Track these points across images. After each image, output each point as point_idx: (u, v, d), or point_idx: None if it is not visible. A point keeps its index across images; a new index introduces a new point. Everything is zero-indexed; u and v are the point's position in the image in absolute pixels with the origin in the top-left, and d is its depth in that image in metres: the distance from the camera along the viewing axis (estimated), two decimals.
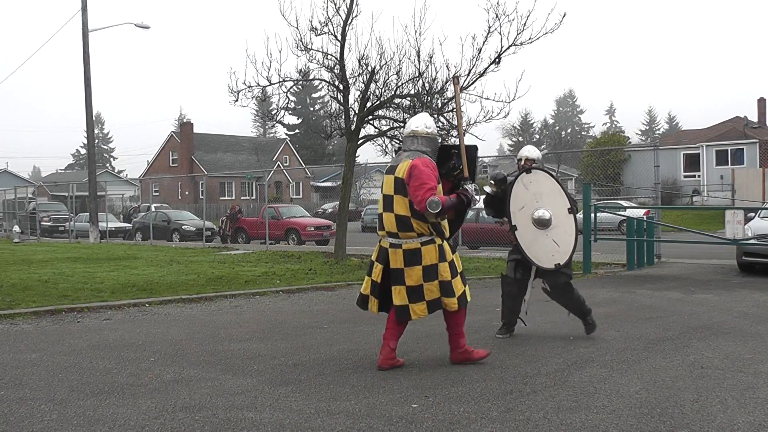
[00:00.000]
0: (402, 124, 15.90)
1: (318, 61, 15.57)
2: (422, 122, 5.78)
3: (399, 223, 5.49)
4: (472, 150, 5.96)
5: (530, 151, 7.10)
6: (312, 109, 79.07)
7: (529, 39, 14.07)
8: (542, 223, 6.76)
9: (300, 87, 19.15)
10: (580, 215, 6.92)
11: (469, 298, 5.73)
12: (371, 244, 24.54)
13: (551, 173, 7.05)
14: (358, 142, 16.19)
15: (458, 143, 5.95)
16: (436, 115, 15.33)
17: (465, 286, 5.72)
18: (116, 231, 31.13)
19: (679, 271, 13.28)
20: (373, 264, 5.76)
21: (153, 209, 32.24)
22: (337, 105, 16.42)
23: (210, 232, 26.97)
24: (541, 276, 6.99)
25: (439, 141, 5.93)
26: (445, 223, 5.68)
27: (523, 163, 7.00)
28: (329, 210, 43.23)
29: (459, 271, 5.70)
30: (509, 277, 7.06)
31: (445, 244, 5.65)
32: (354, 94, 15.68)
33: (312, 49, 15.38)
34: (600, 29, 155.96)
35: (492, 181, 6.98)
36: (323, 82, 16.66)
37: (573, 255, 6.84)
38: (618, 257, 15.14)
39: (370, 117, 15.87)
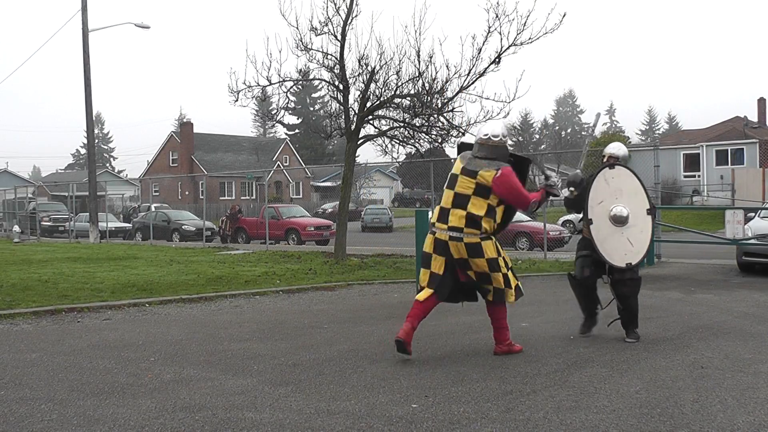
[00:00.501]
0: (402, 124, 15.91)
1: (318, 61, 15.59)
2: (497, 130, 6.12)
3: (469, 220, 5.91)
4: (525, 163, 6.43)
5: (616, 148, 7.04)
6: (312, 109, 79.10)
7: (529, 39, 14.08)
8: (619, 220, 6.67)
9: (300, 87, 19.17)
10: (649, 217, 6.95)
11: (522, 292, 6.16)
12: (371, 244, 24.46)
13: (634, 172, 6.98)
14: (358, 142, 16.19)
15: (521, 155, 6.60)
16: (436, 115, 15.34)
17: (518, 280, 6.12)
18: (116, 231, 31.13)
19: (679, 271, 13.27)
20: (431, 256, 6.09)
21: (153, 209, 32.24)
22: (337, 105, 16.42)
23: (210, 232, 26.97)
24: (612, 273, 6.80)
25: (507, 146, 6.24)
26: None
27: (606, 159, 6.98)
28: (329, 210, 43.23)
29: (510, 265, 6.12)
30: (576, 279, 6.94)
31: (495, 241, 6.08)
32: (354, 94, 15.69)
33: (312, 49, 15.39)
34: (600, 29, 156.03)
35: (571, 188, 6.96)
36: (323, 82, 16.68)
37: (645, 257, 6.73)
38: None
39: (370, 117, 15.87)
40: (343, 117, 15.87)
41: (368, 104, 15.50)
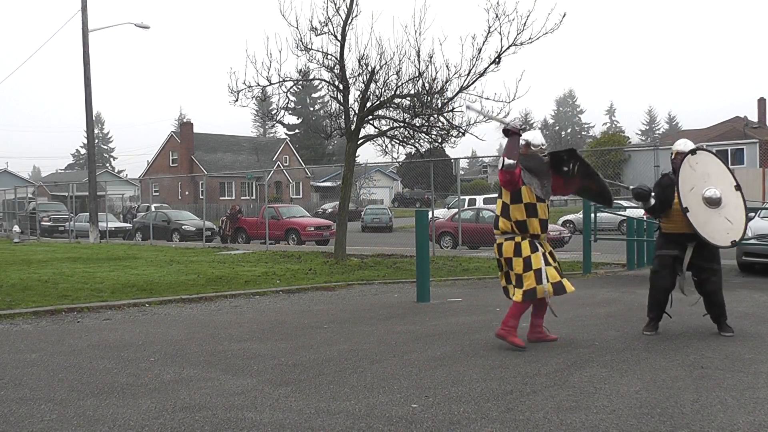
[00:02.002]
0: (402, 124, 15.91)
1: (318, 61, 15.59)
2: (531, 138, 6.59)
3: (495, 221, 6.67)
4: (572, 152, 6.74)
5: (683, 145, 7.13)
6: (312, 109, 79.09)
7: (529, 39, 14.08)
8: (713, 202, 6.80)
9: (300, 87, 19.15)
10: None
11: (540, 293, 6.31)
12: (371, 244, 24.48)
13: (715, 153, 7.15)
14: (358, 142, 16.19)
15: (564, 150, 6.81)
16: (436, 115, 15.34)
17: (540, 284, 6.29)
18: (116, 231, 31.13)
19: None
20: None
21: (153, 209, 32.23)
22: (337, 105, 16.42)
23: (210, 232, 26.97)
24: (693, 271, 6.97)
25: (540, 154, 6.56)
26: (535, 222, 6.39)
27: (674, 156, 7.09)
28: (329, 210, 43.25)
29: (535, 267, 6.30)
30: (661, 273, 7.00)
31: (524, 243, 6.38)
32: (354, 94, 15.70)
33: (312, 49, 15.39)
34: (600, 29, 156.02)
35: (640, 203, 7.16)
36: (323, 82, 16.67)
37: (746, 231, 6.94)
38: (618, 257, 15.14)
39: (370, 117, 15.87)
40: (343, 117, 15.87)
41: (368, 104, 15.50)
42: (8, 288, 10.89)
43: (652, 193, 7.03)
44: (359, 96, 15.57)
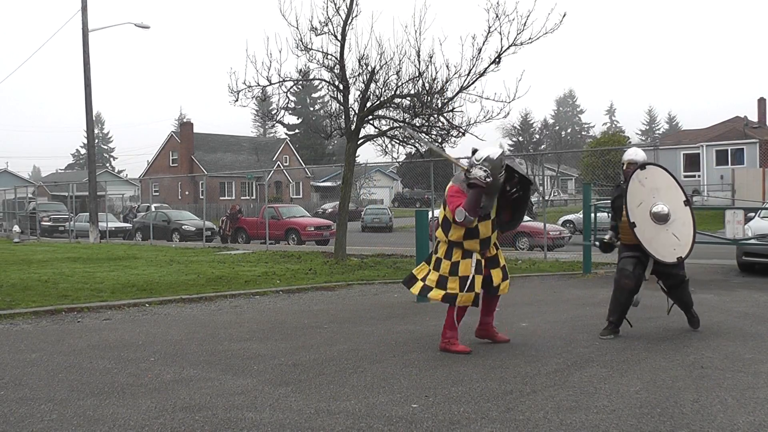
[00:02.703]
0: (402, 124, 15.91)
1: (318, 61, 15.58)
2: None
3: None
4: (525, 181, 6.49)
5: (634, 154, 7.19)
6: (312, 109, 79.08)
7: (529, 39, 14.07)
8: (661, 218, 6.83)
9: (300, 87, 19.17)
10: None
11: (461, 301, 6.23)
12: (371, 244, 24.46)
13: (664, 168, 7.17)
14: (358, 142, 16.19)
15: (519, 174, 6.47)
16: (436, 115, 15.34)
17: (463, 291, 6.21)
18: (116, 231, 31.13)
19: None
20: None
21: (153, 209, 32.22)
22: (337, 105, 16.42)
23: (210, 232, 26.96)
24: (657, 274, 7.02)
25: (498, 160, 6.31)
26: (473, 243, 6.28)
27: (626, 166, 7.12)
28: (329, 210, 43.22)
29: (462, 274, 6.23)
30: (627, 271, 6.98)
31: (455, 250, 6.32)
32: (354, 94, 15.69)
33: (312, 49, 15.39)
34: (600, 29, 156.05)
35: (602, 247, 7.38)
36: (323, 82, 16.67)
37: (693, 247, 6.92)
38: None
39: (370, 117, 15.87)
40: (343, 117, 15.87)
41: (368, 104, 15.50)
42: (8, 288, 10.89)
43: (615, 241, 7.22)
44: (359, 96, 15.58)
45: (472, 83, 14.60)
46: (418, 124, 15.80)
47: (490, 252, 6.46)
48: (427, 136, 13.61)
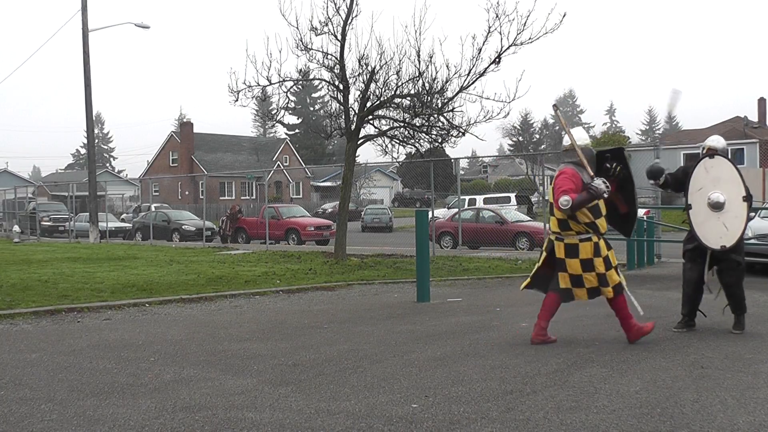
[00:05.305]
0: (402, 124, 15.91)
1: (318, 61, 15.59)
2: (566, 138, 6.78)
3: (560, 223, 6.55)
4: (618, 151, 7.08)
5: (715, 141, 7.45)
6: (312, 109, 79.06)
7: (529, 39, 14.08)
8: (716, 206, 7.08)
9: (300, 87, 19.19)
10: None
11: (624, 287, 6.63)
12: (371, 244, 24.47)
13: (733, 163, 7.47)
14: (358, 142, 16.19)
15: (609, 149, 7.10)
16: (436, 115, 15.33)
17: (620, 277, 6.59)
18: (116, 231, 31.12)
19: (679, 271, 13.20)
20: (541, 253, 6.89)
21: (153, 209, 32.22)
22: (337, 105, 16.42)
23: (210, 232, 26.95)
24: (716, 262, 7.21)
25: (589, 150, 6.79)
26: (602, 222, 6.57)
27: (705, 150, 7.39)
28: (329, 210, 43.22)
29: (613, 265, 6.57)
30: (688, 264, 7.34)
31: (601, 242, 6.53)
32: (354, 94, 15.69)
33: (312, 49, 15.39)
34: (600, 29, 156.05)
35: (651, 181, 7.54)
36: (323, 82, 16.67)
37: (741, 241, 7.18)
38: (618, 257, 15.03)
39: (370, 117, 15.86)
40: (343, 117, 15.87)
41: (368, 104, 15.50)
42: (8, 288, 10.88)
43: (665, 172, 7.42)
44: (359, 96, 15.57)
45: (472, 83, 14.62)
46: (418, 124, 15.80)
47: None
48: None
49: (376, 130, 16.32)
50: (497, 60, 14.31)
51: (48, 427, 4.35)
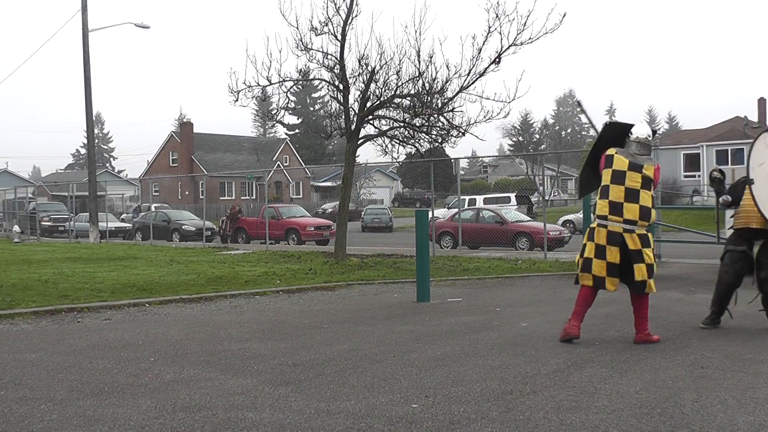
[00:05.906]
0: (402, 124, 15.91)
1: (318, 61, 15.59)
2: (647, 131, 6.85)
3: (642, 212, 6.47)
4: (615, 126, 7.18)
5: None
6: (312, 109, 79.08)
7: (529, 39, 14.09)
8: None
9: (300, 87, 19.20)
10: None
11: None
12: (371, 244, 24.42)
13: None
14: (358, 142, 16.19)
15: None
16: (436, 115, 15.34)
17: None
18: (116, 231, 31.12)
19: (679, 271, 13.27)
20: (604, 248, 6.54)
21: (153, 209, 32.22)
22: (337, 105, 16.42)
23: (210, 232, 26.95)
24: (756, 268, 7.20)
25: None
26: None
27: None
28: (329, 210, 43.21)
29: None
30: (727, 265, 7.25)
31: (649, 233, 6.59)
32: (354, 94, 15.70)
33: (312, 49, 15.40)
34: (600, 29, 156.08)
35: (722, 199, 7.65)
36: (323, 82, 16.67)
37: None
38: None
39: (370, 117, 15.87)
40: (343, 117, 15.87)
41: (368, 104, 15.50)
42: (8, 288, 10.88)
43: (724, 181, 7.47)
44: (359, 96, 15.58)
45: (472, 83, 14.62)
46: (418, 124, 15.81)
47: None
48: None
49: (376, 130, 16.33)
50: (497, 60, 14.32)
51: (48, 427, 4.35)
